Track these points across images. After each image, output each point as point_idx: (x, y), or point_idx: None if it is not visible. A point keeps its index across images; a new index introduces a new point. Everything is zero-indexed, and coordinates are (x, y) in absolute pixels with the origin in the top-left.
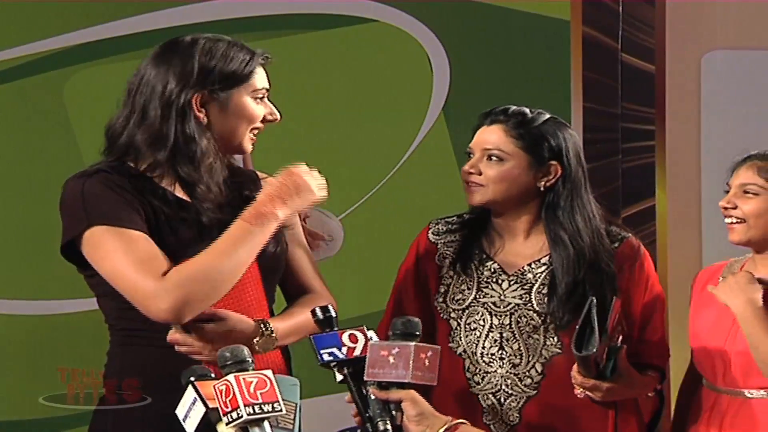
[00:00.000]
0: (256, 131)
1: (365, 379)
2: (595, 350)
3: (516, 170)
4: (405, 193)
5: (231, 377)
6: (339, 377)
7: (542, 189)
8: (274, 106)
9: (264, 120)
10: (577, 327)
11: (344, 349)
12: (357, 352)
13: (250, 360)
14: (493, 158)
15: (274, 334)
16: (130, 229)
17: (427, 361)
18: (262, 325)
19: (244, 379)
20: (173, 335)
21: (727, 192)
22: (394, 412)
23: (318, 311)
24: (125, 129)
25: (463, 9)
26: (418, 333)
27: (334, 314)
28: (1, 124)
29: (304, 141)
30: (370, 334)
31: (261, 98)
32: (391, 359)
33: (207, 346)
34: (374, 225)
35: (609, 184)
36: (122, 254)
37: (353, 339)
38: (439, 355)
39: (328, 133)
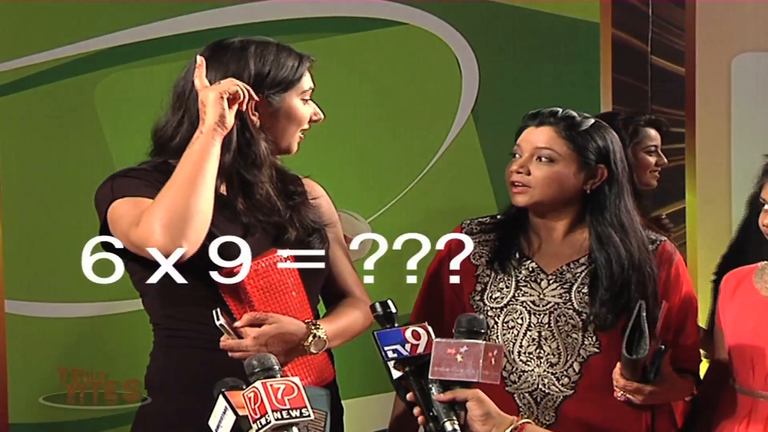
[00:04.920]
0: (303, 132)
1: (430, 377)
2: (645, 354)
3: (565, 172)
4: (434, 196)
5: (258, 384)
6: (395, 374)
7: (588, 192)
8: (317, 106)
9: (310, 120)
10: (627, 330)
11: (407, 346)
12: (420, 350)
13: (277, 367)
14: (544, 159)
15: (324, 336)
16: (146, 198)
17: (493, 359)
18: (312, 327)
19: (271, 385)
20: (226, 341)
21: (764, 204)
22: (458, 411)
23: (378, 306)
24: (178, 132)
25: (492, 12)
26: (483, 331)
27: (394, 310)
28: (33, 127)
29: (334, 143)
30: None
31: (307, 100)
32: (458, 358)
33: (262, 350)
34: (404, 227)
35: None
36: (131, 215)
37: (416, 336)
38: (503, 354)
39: (357, 135)
